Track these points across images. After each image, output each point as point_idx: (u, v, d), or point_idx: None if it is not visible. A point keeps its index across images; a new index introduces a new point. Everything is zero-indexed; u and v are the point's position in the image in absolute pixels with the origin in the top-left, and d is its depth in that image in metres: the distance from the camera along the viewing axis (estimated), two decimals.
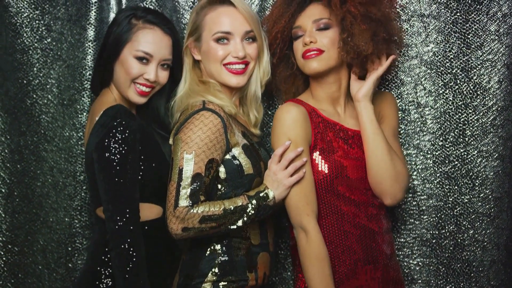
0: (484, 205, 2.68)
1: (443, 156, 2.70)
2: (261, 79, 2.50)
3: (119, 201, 2.21)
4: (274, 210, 2.36)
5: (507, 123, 2.66)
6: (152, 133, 2.47)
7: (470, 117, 2.67)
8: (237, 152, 2.33)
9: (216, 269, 2.32)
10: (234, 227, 2.28)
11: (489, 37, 2.64)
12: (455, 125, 2.68)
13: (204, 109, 2.30)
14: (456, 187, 2.69)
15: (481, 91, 2.66)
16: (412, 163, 2.71)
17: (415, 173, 2.71)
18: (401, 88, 2.70)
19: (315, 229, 2.30)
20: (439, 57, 2.67)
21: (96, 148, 2.26)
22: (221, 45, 2.40)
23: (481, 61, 2.65)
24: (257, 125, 2.55)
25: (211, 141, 2.26)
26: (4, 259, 2.81)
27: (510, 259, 2.73)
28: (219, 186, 2.33)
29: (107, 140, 2.23)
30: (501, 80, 2.64)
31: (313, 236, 2.29)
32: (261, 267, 2.39)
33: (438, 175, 2.70)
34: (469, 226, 2.70)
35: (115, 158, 2.22)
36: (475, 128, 2.67)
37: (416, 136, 2.71)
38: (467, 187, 2.69)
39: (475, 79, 2.66)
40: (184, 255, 2.42)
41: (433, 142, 2.70)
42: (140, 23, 2.39)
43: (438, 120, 2.69)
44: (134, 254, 2.19)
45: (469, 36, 2.64)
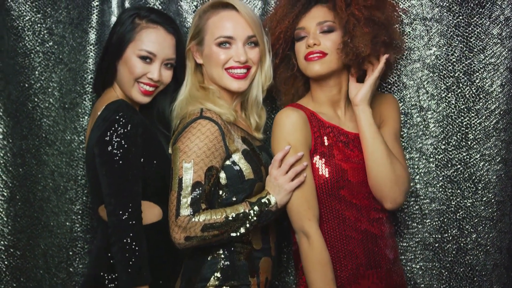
0: (486, 208, 2.68)
1: (445, 160, 2.69)
2: (262, 84, 2.50)
3: (121, 195, 2.20)
4: (277, 215, 2.35)
5: (510, 126, 2.65)
6: (155, 132, 2.46)
7: (473, 120, 2.66)
8: (237, 158, 2.33)
9: (218, 273, 2.31)
10: (237, 234, 2.27)
11: (491, 41, 2.63)
12: (457, 129, 2.67)
13: (201, 117, 2.30)
14: (458, 190, 2.69)
15: (484, 94, 2.65)
16: (415, 166, 2.70)
17: (417, 176, 2.71)
18: (404, 92, 2.70)
19: (317, 234, 2.30)
20: (442, 60, 2.66)
21: (97, 142, 2.25)
22: (223, 49, 2.39)
23: (483, 65, 2.64)
24: (260, 129, 2.55)
25: (209, 149, 2.26)
26: (6, 263, 2.79)
27: None
28: (220, 192, 2.33)
29: (109, 134, 2.22)
30: (503, 83, 2.63)
31: (315, 240, 2.29)
32: (263, 272, 2.38)
33: (440, 178, 2.70)
34: (472, 230, 2.69)
35: (117, 152, 2.21)
36: (477, 132, 2.66)
37: (418, 139, 2.70)
38: (470, 190, 2.68)
39: (478, 82, 2.65)
40: (186, 259, 2.41)
41: (435, 146, 2.69)
42: (143, 22, 2.40)
43: (441, 124, 2.68)
44: (137, 249, 2.18)
45: (471, 40, 2.64)
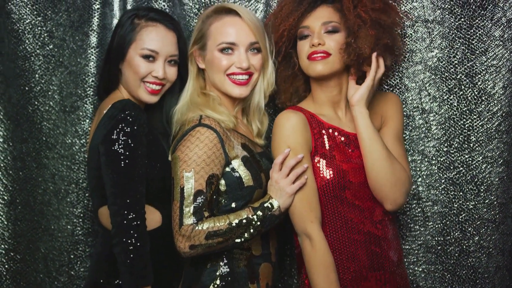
0: (489, 211, 2.67)
1: (448, 162, 2.69)
2: (265, 90, 2.49)
3: (127, 195, 2.19)
4: (280, 219, 2.35)
5: None
6: (157, 134, 2.45)
7: (475, 123, 2.66)
8: (237, 164, 2.32)
9: (217, 281, 2.31)
10: (241, 240, 2.27)
11: (493, 43, 2.63)
12: (459, 131, 2.67)
13: (199, 125, 2.29)
14: (461, 193, 2.68)
15: (486, 96, 2.65)
16: (417, 169, 2.70)
17: (419, 179, 2.70)
18: (406, 94, 2.69)
19: (319, 236, 2.29)
20: (444, 62, 2.66)
21: (103, 141, 2.23)
22: (225, 55, 2.38)
23: (485, 67, 2.64)
24: (262, 135, 2.54)
25: (208, 157, 2.25)
26: (6, 266, 2.79)
27: None
28: (219, 199, 2.33)
29: (115, 132, 2.20)
30: (505, 85, 2.63)
31: (318, 243, 2.28)
32: (263, 278, 2.37)
33: (443, 181, 2.69)
34: (474, 232, 2.69)
35: (123, 151, 2.19)
36: (479, 134, 2.66)
37: (420, 142, 2.70)
38: (472, 193, 2.68)
39: (480, 84, 2.65)
40: (186, 267, 2.40)
41: (437, 148, 2.69)
42: (142, 21, 2.39)
43: (443, 126, 2.68)
44: (141, 250, 2.17)
45: (473, 42, 2.64)
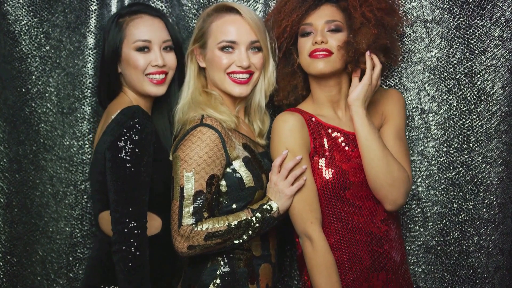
0: (488, 211, 2.67)
1: (447, 162, 2.68)
2: (265, 89, 2.48)
3: (130, 203, 2.18)
4: (279, 221, 2.34)
5: (511, 128, 2.65)
6: (162, 141, 2.44)
7: (474, 123, 2.66)
8: (238, 165, 2.31)
9: (217, 280, 2.30)
10: (240, 241, 2.27)
11: (492, 43, 2.63)
12: (459, 131, 2.67)
13: (201, 124, 2.28)
14: (460, 193, 2.68)
15: (485, 96, 2.65)
16: (417, 169, 2.70)
17: (419, 179, 2.70)
18: (405, 94, 2.68)
19: (320, 237, 2.29)
20: (443, 62, 2.65)
21: (110, 147, 2.22)
22: (225, 53, 2.37)
23: (484, 67, 2.64)
24: (263, 135, 2.53)
25: (209, 157, 2.24)
26: (3, 270, 2.79)
27: None
28: (220, 199, 2.32)
29: (123, 140, 2.19)
30: (505, 85, 2.63)
31: (318, 243, 2.28)
32: (263, 279, 2.37)
33: (442, 181, 2.69)
34: (474, 233, 2.68)
35: (129, 158, 2.19)
36: (479, 134, 2.66)
37: (420, 142, 2.69)
38: (472, 193, 2.68)
39: (479, 84, 2.65)
40: (186, 266, 2.40)
41: (437, 148, 2.69)
42: (127, 18, 2.40)
43: (442, 126, 2.67)
44: (140, 259, 2.16)
45: (472, 42, 2.63)
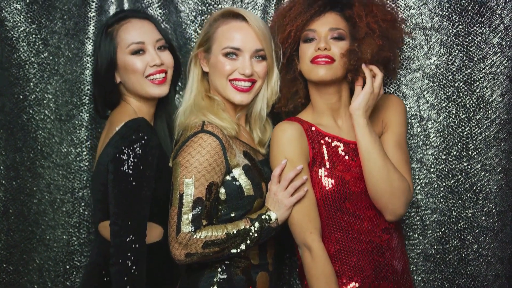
0: (488, 219, 2.67)
1: (446, 170, 2.68)
2: (268, 98, 2.46)
3: (129, 217, 2.17)
4: (277, 231, 2.33)
5: (510, 136, 2.65)
6: (165, 151, 2.43)
7: (473, 130, 2.65)
8: (237, 173, 2.30)
9: (215, 287, 2.29)
10: (238, 250, 2.25)
11: (491, 50, 2.63)
12: (458, 139, 2.66)
13: (202, 131, 2.27)
14: (459, 201, 2.68)
15: (484, 104, 2.64)
16: (416, 177, 2.69)
17: (418, 187, 2.69)
18: (404, 102, 2.67)
19: (319, 247, 2.27)
20: (442, 70, 2.65)
21: (113, 160, 2.21)
22: (229, 60, 2.36)
23: (483, 74, 2.63)
24: (264, 144, 2.51)
25: (210, 164, 2.23)
26: None
27: None
28: (219, 207, 2.30)
29: (126, 153, 2.18)
30: (504, 93, 2.63)
31: (317, 253, 2.26)
32: (260, 287, 2.35)
33: (441, 189, 2.68)
34: (473, 241, 2.68)
35: (131, 172, 2.17)
36: (478, 142, 2.65)
37: (419, 149, 2.69)
38: (471, 201, 2.67)
39: (478, 92, 2.64)
40: (184, 273, 2.39)
41: (436, 156, 2.68)
42: (115, 26, 2.39)
43: (441, 134, 2.67)
44: (136, 273, 2.15)
45: (471, 49, 2.63)
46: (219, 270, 2.30)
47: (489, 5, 2.61)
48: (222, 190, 2.29)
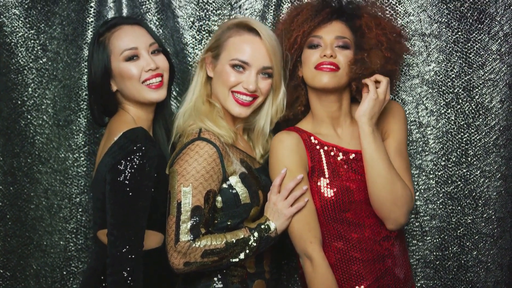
0: (487, 225, 2.67)
1: (445, 176, 2.67)
2: (272, 115, 2.43)
3: (126, 227, 2.15)
4: (276, 241, 2.32)
5: (510, 142, 2.65)
6: (164, 157, 2.42)
7: (473, 137, 2.65)
8: (234, 181, 2.28)
9: None
10: (236, 260, 2.24)
11: (490, 57, 2.63)
12: (457, 145, 2.66)
13: (199, 138, 2.25)
14: (459, 207, 2.67)
15: (483, 110, 2.65)
16: (415, 183, 2.69)
17: (417, 193, 2.69)
18: (403, 108, 2.68)
19: (319, 256, 2.26)
20: (441, 76, 2.65)
21: (110, 170, 2.19)
22: (235, 71, 2.33)
23: (483, 81, 2.64)
24: (264, 157, 2.48)
25: (207, 172, 2.21)
26: None
27: None
28: (215, 215, 2.29)
29: (123, 164, 2.16)
30: (503, 99, 2.63)
31: (318, 263, 2.25)
32: None
33: (441, 195, 2.68)
34: (472, 247, 2.67)
35: (128, 183, 2.16)
36: (477, 148, 2.65)
37: (418, 156, 2.69)
38: (470, 207, 2.67)
39: (477, 98, 2.64)
40: (180, 282, 2.37)
41: (435, 162, 2.68)
42: (106, 34, 2.36)
43: (440, 140, 2.67)
44: (132, 284, 2.13)
45: (470, 56, 2.64)
46: (215, 279, 2.28)
47: (488, 12, 2.61)
48: (219, 198, 2.27)
